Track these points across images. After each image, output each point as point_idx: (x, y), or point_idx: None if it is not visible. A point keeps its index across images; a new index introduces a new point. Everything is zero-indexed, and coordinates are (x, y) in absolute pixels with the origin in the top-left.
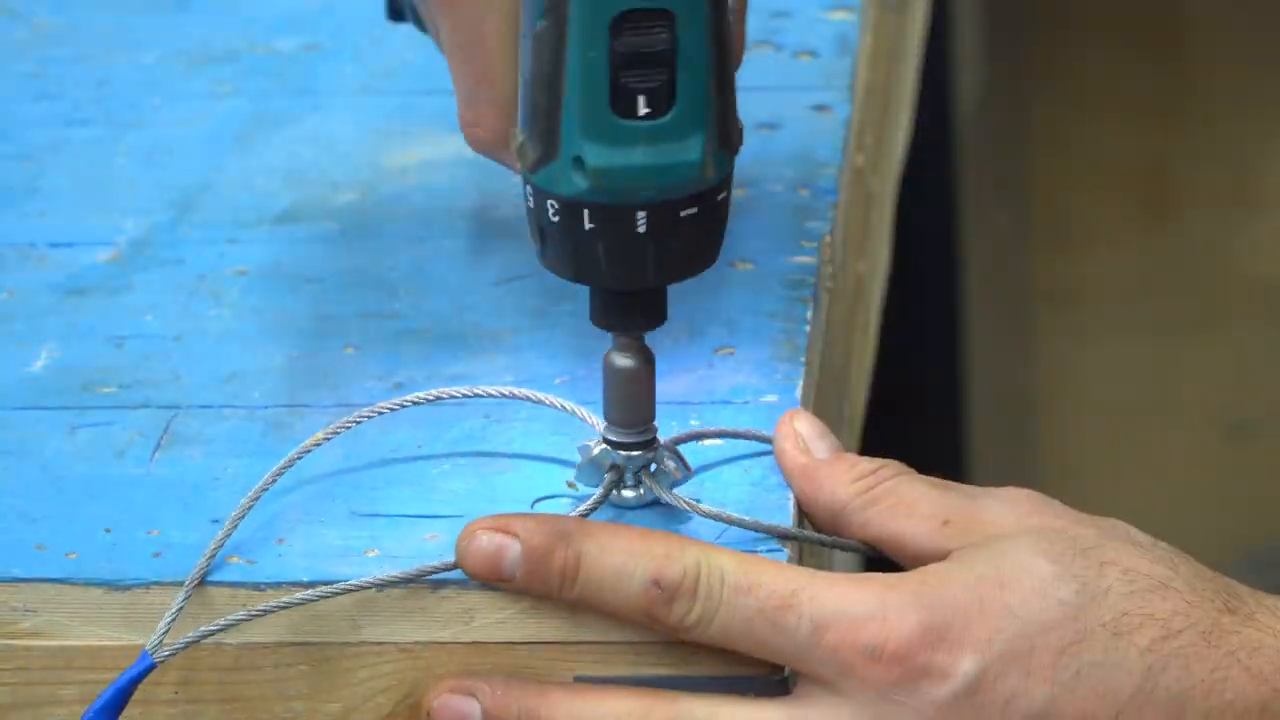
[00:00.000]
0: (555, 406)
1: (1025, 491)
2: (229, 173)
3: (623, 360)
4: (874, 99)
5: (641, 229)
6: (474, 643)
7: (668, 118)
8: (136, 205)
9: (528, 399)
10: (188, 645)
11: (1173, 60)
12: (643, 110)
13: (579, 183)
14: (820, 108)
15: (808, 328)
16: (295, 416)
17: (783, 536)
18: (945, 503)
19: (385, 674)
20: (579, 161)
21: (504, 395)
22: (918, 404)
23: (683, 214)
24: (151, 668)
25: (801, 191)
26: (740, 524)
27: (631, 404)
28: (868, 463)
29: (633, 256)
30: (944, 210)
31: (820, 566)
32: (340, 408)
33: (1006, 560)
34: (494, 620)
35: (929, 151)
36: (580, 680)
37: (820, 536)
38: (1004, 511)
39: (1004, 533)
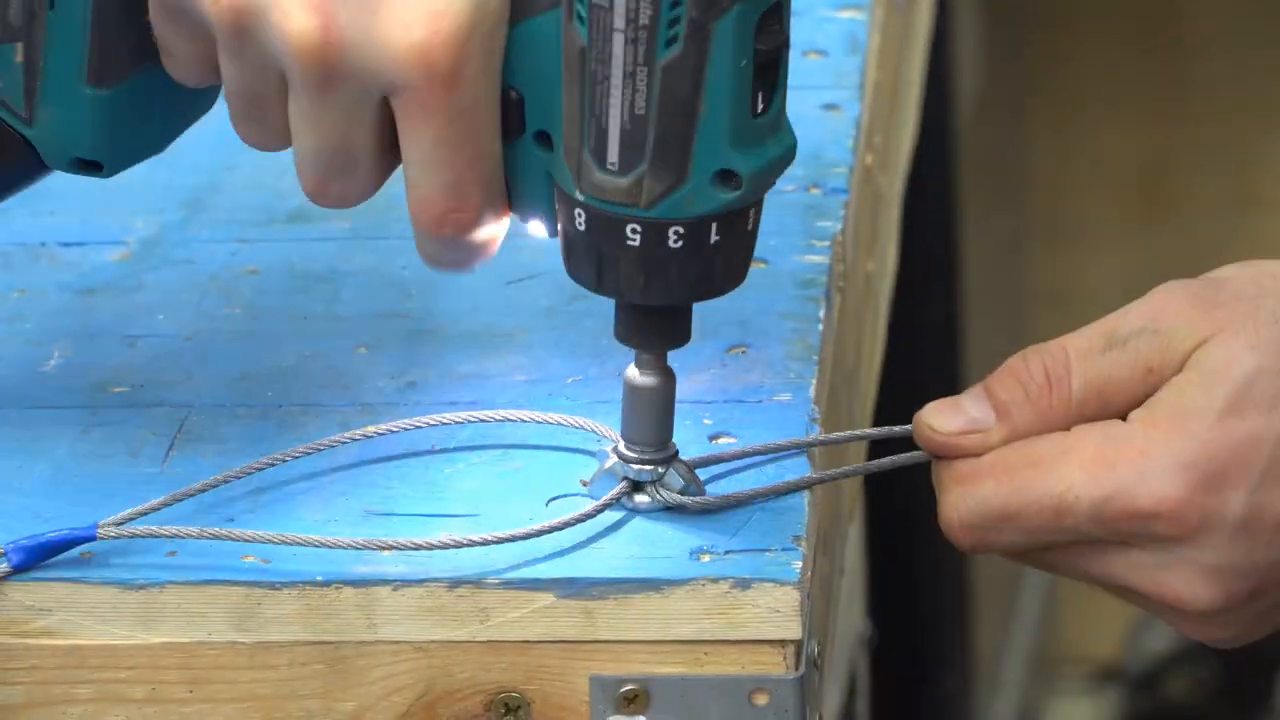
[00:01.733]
0: (557, 424)
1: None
2: (240, 172)
3: (644, 379)
4: (882, 98)
5: (750, 225)
6: (489, 641)
7: (776, 106)
8: (147, 205)
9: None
10: (130, 518)
11: (1172, 60)
12: (760, 106)
13: (721, 196)
14: (830, 106)
15: (820, 326)
16: (308, 416)
17: (804, 486)
18: None
19: (400, 673)
20: (726, 175)
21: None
22: (918, 404)
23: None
24: (90, 540)
25: (813, 190)
26: (757, 495)
27: (650, 424)
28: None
29: (743, 254)
30: (944, 210)
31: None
32: (353, 407)
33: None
34: (509, 619)
35: (930, 151)
36: (597, 679)
37: (841, 471)
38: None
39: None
